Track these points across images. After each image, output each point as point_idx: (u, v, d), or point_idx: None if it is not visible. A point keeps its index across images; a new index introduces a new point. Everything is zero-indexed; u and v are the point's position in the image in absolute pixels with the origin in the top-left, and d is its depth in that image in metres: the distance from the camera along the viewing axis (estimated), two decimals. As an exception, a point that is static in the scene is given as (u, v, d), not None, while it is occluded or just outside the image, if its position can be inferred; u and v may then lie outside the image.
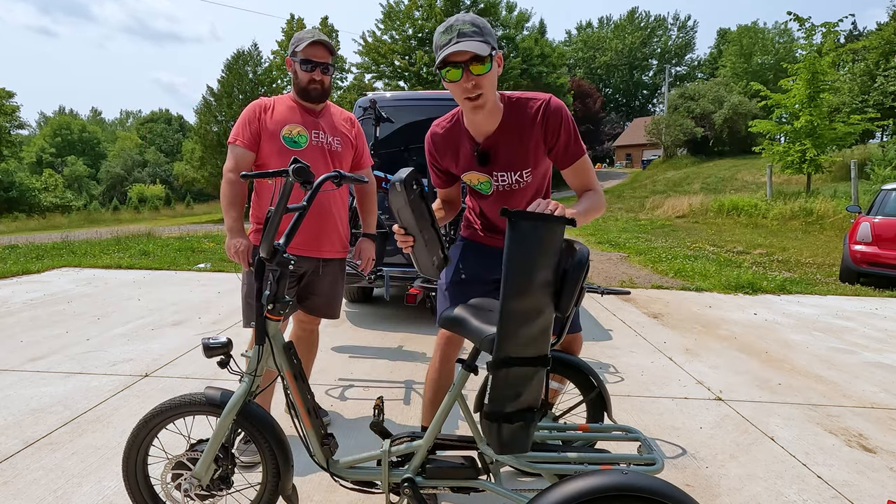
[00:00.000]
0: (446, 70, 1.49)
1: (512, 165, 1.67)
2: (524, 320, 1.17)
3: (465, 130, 1.69)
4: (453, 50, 1.44)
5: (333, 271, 2.27)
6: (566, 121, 1.60)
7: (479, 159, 1.68)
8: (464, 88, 1.50)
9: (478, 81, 1.49)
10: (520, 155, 1.65)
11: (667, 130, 33.93)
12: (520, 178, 1.68)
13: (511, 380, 1.21)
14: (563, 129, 1.60)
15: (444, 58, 1.46)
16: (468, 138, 1.69)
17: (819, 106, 15.91)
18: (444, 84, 1.56)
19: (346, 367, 3.36)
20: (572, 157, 1.62)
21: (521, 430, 1.26)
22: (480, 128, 1.65)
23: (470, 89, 1.50)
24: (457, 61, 1.46)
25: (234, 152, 2.12)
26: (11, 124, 32.45)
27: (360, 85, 30.57)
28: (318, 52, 2.10)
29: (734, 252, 9.72)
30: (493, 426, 1.25)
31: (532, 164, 1.66)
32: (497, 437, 1.26)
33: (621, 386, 3.10)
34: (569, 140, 1.61)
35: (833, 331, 4.48)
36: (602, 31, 64.70)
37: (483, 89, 1.51)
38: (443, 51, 1.46)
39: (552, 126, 1.60)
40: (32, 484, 1.94)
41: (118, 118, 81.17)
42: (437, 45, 1.50)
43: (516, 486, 1.93)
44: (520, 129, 1.63)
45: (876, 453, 2.36)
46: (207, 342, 1.45)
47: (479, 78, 1.49)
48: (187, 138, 41.74)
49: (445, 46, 1.46)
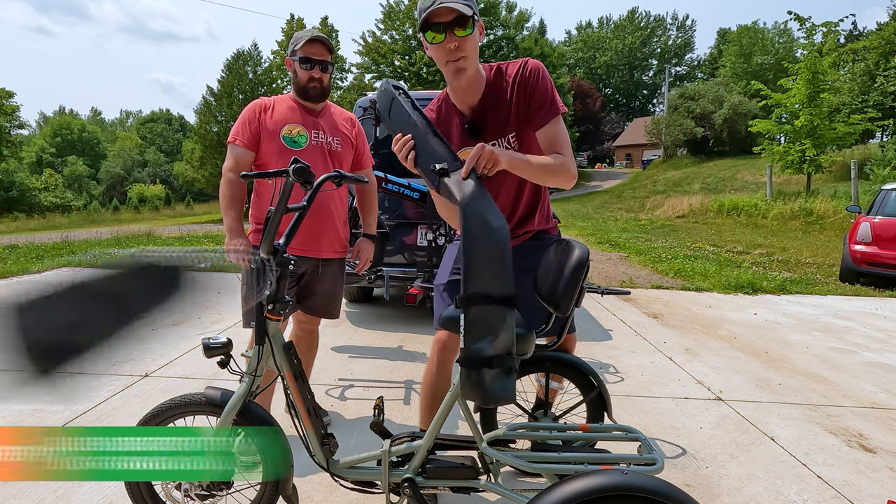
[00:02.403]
0: (430, 35, 1.50)
1: (499, 131, 1.66)
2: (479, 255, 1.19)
3: (453, 106, 1.70)
4: (438, 7, 1.44)
5: (333, 271, 2.27)
6: (543, 79, 1.61)
7: (469, 132, 1.68)
8: (447, 50, 1.50)
9: (460, 43, 1.50)
10: (504, 119, 1.65)
11: (667, 130, 33.92)
12: (508, 144, 1.67)
13: (484, 317, 1.19)
14: (540, 87, 1.60)
15: (426, 18, 1.47)
16: (456, 114, 1.70)
17: (819, 106, 15.91)
18: (427, 50, 1.56)
19: (346, 367, 3.36)
20: (544, 117, 1.59)
21: (504, 375, 1.18)
22: (466, 97, 1.66)
23: (453, 50, 1.50)
24: (440, 21, 1.47)
25: (233, 152, 2.12)
26: (11, 124, 32.43)
27: (360, 85, 30.55)
28: (316, 49, 2.10)
29: (734, 252, 9.72)
30: (473, 374, 1.18)
31: (516, 128, 1.66)
32: (479, 385, 1.18)
33: (621, 386, 3.10)
34: (544, 99, 1.60)
35: (833, 331, 4.48)
36: (602, 31, 64.69)
37: (466, 52, 1.51)
38: (426, 11, 1.46)
39: (529, 83, 1.60)
40: (32, 484, 1.94)
41: (118, 118, 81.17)
42: (420, 9, 1.50)
43: (516, 486, 1.92)
44: (502, 93, 1.64)
45: (876, 453, 2.36)
46: (207, 342, 1.45)
47: (461, 40, 1.49)
48: (187, 138, 41.76)
49: (429, 7, 1.46)
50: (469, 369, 1.19)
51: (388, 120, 1.47)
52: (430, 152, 1.36)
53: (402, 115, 1.41)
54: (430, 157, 1.35)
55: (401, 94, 1.49)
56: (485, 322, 1.18)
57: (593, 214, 20.24)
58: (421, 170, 1.39)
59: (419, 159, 1.38)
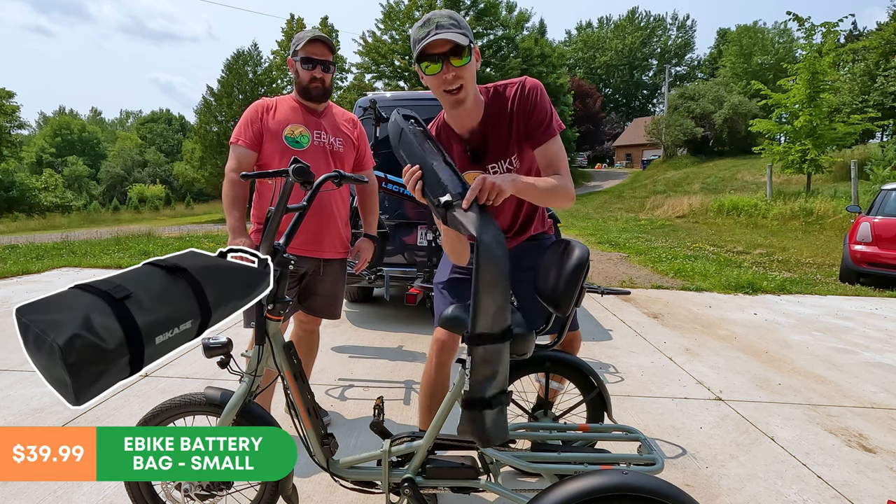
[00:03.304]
0: (425, 65, 1.49)
1: (500, 154, 1.66)
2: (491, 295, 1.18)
3: (452, 132, 1.69)
4: (433, 39, 1.43)
5: (334, 272, 2.27)
6: (542, 98, 1.61)
7: (472, 158, 1.68)
8: (444, 80, 1.49)
9: (458, 73, 1.48)
10: (504, 140, 1.64)
11: (667, 130, 33.92)
12: (510, 166, 1.67)
13: (488, 357, 1.20)
14: (538, 105, 1.60)
15: (422, 50, 1.46)
16: (456, 139, 1.69)
17: (819, 106, 15.91)
18: (423, 80, 1.54)
19: (346, 367, 3.36)
20: (543, 135, 1.59)
21: (501, 415, 1.23)
22: (465, 123, 1.65)
23: (450, 80, 1.49)
24: (436, 53, 1.46)
25: (235, 152, 2.12)
26: (11, 124, 32.43)
27: (360, 85, 30.57)
28: (317, 49, 2.10)
29: (734, 252, 9.72)
30: (477, 415, 1.21)
31: (517, 150, 1.65)
32: (481, 427, 1.21)
33: (621, 386, 3.10)
34: (542, 118, 1.59)
35: (833, 331, 4.48)
36: (602, 31, 64.66)
37: (464, 80, 1.50)
38: (421, 43, 1.46)
39: (528, 102, 1.60)
40: (33, 484, 1.94)
41: (118, 118, 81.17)
42: (414, 40, 1.49)
43: (516, 486, 1.92)
44: (502, 115, 1.63)
45: (876, 453, 2.36)
46: (207, 342, 1.45)
47: (458, 70, 1.48)
48: (187, 138, 41.77)
49: (424, 39, 1.45)
50: (472, 410, 1.21)
51: (399, 151, 1.43)
52: (437, 182, 1.33)
53: (411, 146, 1.39)
54: (436, 187, 1.32)
55: (411, 124, 1.45)
56: (491, 362, 1.21)
57: (593, 214, 20.25)
58: (428, 201, 1.36)
59: (425, 190, 1.35)
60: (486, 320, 1.18)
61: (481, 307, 1.17)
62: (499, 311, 1.19)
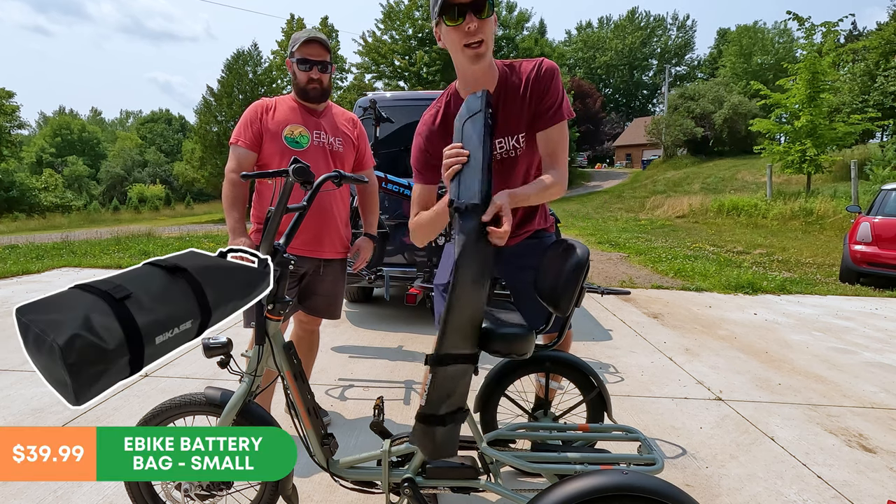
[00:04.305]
0: (447, 17, 1.45)
1: (509, 129, 1.63)
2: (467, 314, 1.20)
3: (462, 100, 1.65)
4: None
5: (334, 272, 2.27)
6: (556, 81, 1.59)
7: None
8: (465, 32, 1.45)
9: (480, 25, 1.45)
10: (516, 116, 1.62)
11: (667, 130, 33.92)
12: (516, 143, 1.65)
13: (450, 376, 1.23)
14: (552, 87, 1.58)
15: (445, 1, 1.43)
16: None
17: (819, 106, 15.91)
18: (443, 34, 1.50)
19: (346, 367, 3.36)
20: (551, 119, 1.57)
21: (453, 431, 1.29)
22: (478, 87, 1.59)
23: (472, 32, 1.45)
24: (458, 2, 1.43)
25: (235, 153, 2.12)
26: (11, 124, 32.43)
27: (360, 85, 30.57)
28: (313, 50, 2.10)
29: (734, 252, 9.72)
30: (429, 430, 1.27)
31: (525, 128, 1.63)
32: (431, 442, 1.27)
33: (621, 386, 3.10)
34: (554, 101, 1.58)
35: (833, 331, 4.48)
36: (602, 31, 64.66)
37: (484, 35, 1.47)
38: None
39: (543, 82, 1.58)
40: (33, 484, 1.94)
41: (118, 118, 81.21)
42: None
43: (516, 486, 1.92)
44: (516, 90, 1.60)
45: (876, 453, 2.36)
46: (207, 342, 1.45)
47: (481, 22, 1.45)
48: (187, 138, 41.76)
49: None
50: (425, 425, 1.27)
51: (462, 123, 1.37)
52: (469, 178, 1.28)
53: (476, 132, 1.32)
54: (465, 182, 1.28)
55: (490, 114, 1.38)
56: (450, 382, 1.23)
57: (593, 214, 20.25)
58: (449, 188, 1.33)
59: (456, 177, 1.31)
60: (452, 343, 1.19)
61: (449, 329, 1.18)
62: (468, 336, 1.21)
